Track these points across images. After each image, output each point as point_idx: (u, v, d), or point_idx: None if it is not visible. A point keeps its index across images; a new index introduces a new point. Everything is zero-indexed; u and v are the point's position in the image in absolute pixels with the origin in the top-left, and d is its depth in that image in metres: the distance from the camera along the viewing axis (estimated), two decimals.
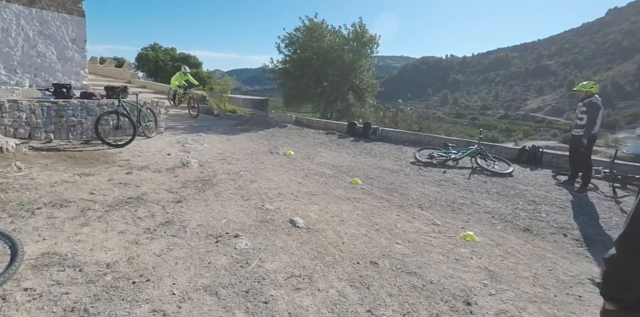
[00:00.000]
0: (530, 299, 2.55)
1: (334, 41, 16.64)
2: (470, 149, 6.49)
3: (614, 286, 1.05)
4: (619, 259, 1.03)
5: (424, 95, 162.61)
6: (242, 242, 3.08)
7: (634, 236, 1.00)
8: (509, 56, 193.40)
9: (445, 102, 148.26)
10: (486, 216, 4.15)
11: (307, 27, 17.03)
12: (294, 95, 18.37)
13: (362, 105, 18.71)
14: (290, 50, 17.70)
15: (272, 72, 18.61)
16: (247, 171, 5.47)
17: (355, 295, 2.44)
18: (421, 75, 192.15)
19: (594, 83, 5.41)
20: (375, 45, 17.81)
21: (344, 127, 10.12)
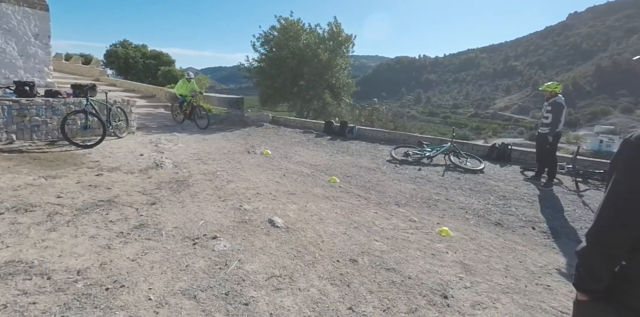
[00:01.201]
0: (503, 290, 2.66)
1: (310, 40, 16.64)
2: (444, 147, 6.67)
3: (585, 278, 1.11)
4: (589, 252, 1.09)
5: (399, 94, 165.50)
6: (220, 244, 3.03)
7: (602, 229, 1.06)
8: (478, 57, 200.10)
9: (418, 101, 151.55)
10: (460, 211, 4.29)
11: (282, 26, 16.93)
12: (271, 94, 18.23)
13: (338, 104, 18.82)
14: (266, 48, 17.55)
15: (248, 71, 18.39)
16: (224, 171, 5.38)
17: (336, 293, 2.46)
18: (395, 74, 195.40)
19: (557, 83, 5.69)
20: (351, 44, 17.95)
21: (321, 126, 10.15)
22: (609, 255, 1.05)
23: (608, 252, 1.05)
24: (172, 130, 8.82)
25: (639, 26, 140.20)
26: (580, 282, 1.12)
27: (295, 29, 16.88)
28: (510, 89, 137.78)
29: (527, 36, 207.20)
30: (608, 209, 1.05)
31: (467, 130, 67.22)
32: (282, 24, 17.03)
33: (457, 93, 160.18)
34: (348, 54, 18.37)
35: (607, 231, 1.04)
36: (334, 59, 17.01)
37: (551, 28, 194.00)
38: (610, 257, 1.05)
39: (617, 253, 1.05)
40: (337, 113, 18.60)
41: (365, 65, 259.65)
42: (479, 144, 8.25)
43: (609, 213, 1.04)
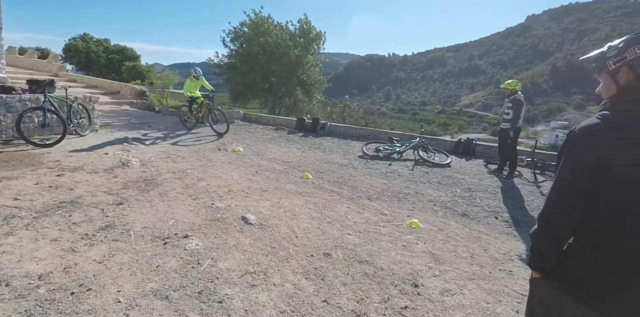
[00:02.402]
0: (469, 277, 2.80)
1: (280, 37, 16.50)
2: (413, 142, 6.86)
3: (537, 257, 1.21)
4: (538, 233, 1.19)
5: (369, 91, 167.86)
6: (192, 243, 2.98)
7: (549, 212, 1.16)
8: (444, 56, 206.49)
9: (388, 98, 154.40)
10: (429, 204, 4.44)
11: (253, 22, 16.68)
12: (241, 90, 17.94)
13: (310, 101, 18.83)
14: (236, 44, 17.23)
15: (217, 67, 17.98)
16: (194, 169, 5.26)
17: (311, 287, 2.49)
18: (366, 72, 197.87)
19: (517, 81, 6.00)
20: (321, 41, 17.98)
21: (293, 122, 10.13)
22: (555, 236, 1.15)
23: (554, 233, 1.15)
24: (139, 128, 8.49)
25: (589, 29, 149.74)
26: (532, 261, 1.23)
27: (266, 25, 16.68)
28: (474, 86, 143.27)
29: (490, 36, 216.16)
30: (554, 194, 1.15)
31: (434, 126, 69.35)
32: (252, 19, 16.79)
33: (425, 90, 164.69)
34: (319, 51, 18.39)
35: (553, 213, 1.14)
36: (304, 56, 16.97)
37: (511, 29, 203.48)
38: (556, 238, 1.16)
39: (562, 234, 1.15)
40: (309, 110, 18.60)
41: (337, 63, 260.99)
42: (446, 139, 8.54)
43: (555, 198, 1.14)
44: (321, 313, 2.22)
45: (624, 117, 1.07)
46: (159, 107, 12.72)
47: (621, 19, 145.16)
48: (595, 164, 1.07)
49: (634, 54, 1.08)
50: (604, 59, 1.16)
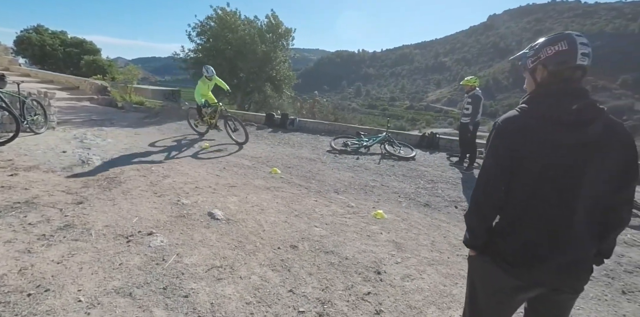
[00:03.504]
0: (429, 262, 2.96)
1: (248, 32, 16.25)
2: (380, 137, 7.05)
3: (470, 236, 1.34)
4: (469, 214, 1.32)
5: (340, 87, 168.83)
6: (156, 240, 2.95)
7: (477, 195, 1.30)
8: (412, 53, 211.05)
9: (358, 94, 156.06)
10: (394, 195, 4.61)
11: (219, 16, 16.33)
12: None
13: (279, 97, 18.72)
14: (203, 39, 16.81)
15: (183, 62, 17.46)
16: (159, 166, 5.15)
17: (277, 278, 2.55)
18: (336, 68, 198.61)
19: (475, 78, 6.29)
20: (290, 37, 17.89)
21: (262, 118, 10.07)
22: (483, 215, 1.29)
23: (482, 213, 1.28)
24: (100, 125, 8.14)
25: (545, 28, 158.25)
26: (467, 240, 1.36)
27: (232, 20, 16.37)
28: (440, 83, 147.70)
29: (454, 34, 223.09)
30: (481, 178, 1.29)
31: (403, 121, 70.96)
32: (219, 14, 16.43)
33: (394, 86, 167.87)
34: (288, 46, 18.30)
35: (480, 196, 1.28)
36: (273, 51, 16.83)
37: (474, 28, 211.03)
38: (484, 217, 1.29)
39: (488, 213, 1.28)
40: (278, 105, 18.51)
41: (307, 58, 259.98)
42: (412, 133, 8.83)
43: (481, 182, 1.28)
44: (287, 302, 2.29)
45: (537, 108, 1.21)
46: (122, 103, 12.22)
47: (573, 20, 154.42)
48: (512, 151, 1.20)
49: (546, 54, 1.21)
50: (525, 58, 1.30)
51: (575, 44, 1.17)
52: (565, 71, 1.19)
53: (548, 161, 1.16)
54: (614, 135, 1.13)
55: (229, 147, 6.78)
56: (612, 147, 1.13)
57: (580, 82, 1.20)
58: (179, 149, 6.41)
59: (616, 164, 1.14)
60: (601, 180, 1.15)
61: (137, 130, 7.83)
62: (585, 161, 1.13)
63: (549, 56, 1.21)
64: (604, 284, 2.82)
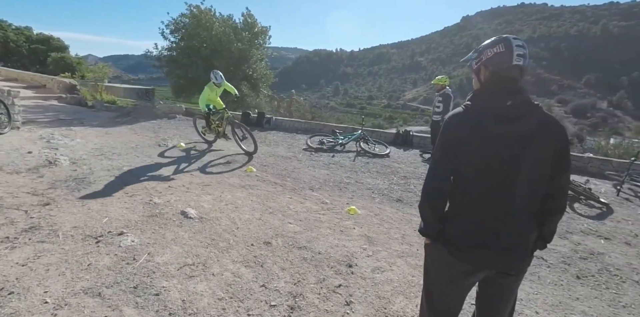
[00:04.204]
0: (399, 255, 3.07)
1: (223, 30, 16.04)
2: (355, 135, 7.16)
3: (423, 224, 1.43)
4: (421, 204, 1.41)
5: (318, 86, 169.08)
6: (127, 240, 2.91)
7: (426, 186, 1.39)
8: (389, 52, 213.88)
9: (337, 92, 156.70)
10: (367, 191, 4.71)
11: (194, 14, 16.02)
12: (184, 84, 17.19)
13: (257, 96, 18.58)
14: (177, 36, 16.44)
15: (157, 60, 17.02)
16: (132, 166, 5.04)
17: (250, 274, 2.58)
18: (314, 67, 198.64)
19: (446, 77, 6.50)
20: (267, 36, 17.78)
21: (238, 117, 9.99)
22: (432, 205, 1.38)
23: (431, 202, 1.38)
24: (69, 125, 7.85)
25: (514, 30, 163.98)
26: (421, 229, 1.45)
27: (207, 18, 16.11)
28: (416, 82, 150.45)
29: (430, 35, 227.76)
30: (430, 170, 1.39)
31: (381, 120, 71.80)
32: (193, 11, 16.12)
33: (372, 85, 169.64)
34: (265, 45, 18.18)
35: (429, 187, 1.37)
36: (249, 49, 16.69)
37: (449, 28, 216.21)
38: (433, 206, 1.38)
39: (437, 203, 1.38)
40: (255, 104, 18.37)
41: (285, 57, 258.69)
42: (386, 131, 9.00)
43: (430, 173, 1.38)
44: (259, 297, 2.33)
45: (478, 105, 1.31)
46: (92, 102, 11.83)
47: (540, 22, 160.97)
48: (457, 144, 1.30)
49: (487, 56, 1.32)
50: (471, 60, 1.40)
51: (511, 46, 1.27)
52: (503, 71, 1.29)
53: (488, 153, 1.26)
54: (548, 129, 1.24)
55: (203, 146, 6.71)
56: (546, 139, 1.24)
57: (519, 81, 1.30)
58: (152, 148, 6.28)
59: (550, 155, 1.25)
60: (537, 170, 1.25)
61: (108, 130, 7.61)
62: (521, 152, 1.23)
63: (489, 58, 1.31)
64: (561, 270, 3.01)
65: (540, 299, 2.57)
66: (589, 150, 9.38)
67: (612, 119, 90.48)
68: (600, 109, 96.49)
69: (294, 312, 2.20)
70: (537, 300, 2.56)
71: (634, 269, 3.09)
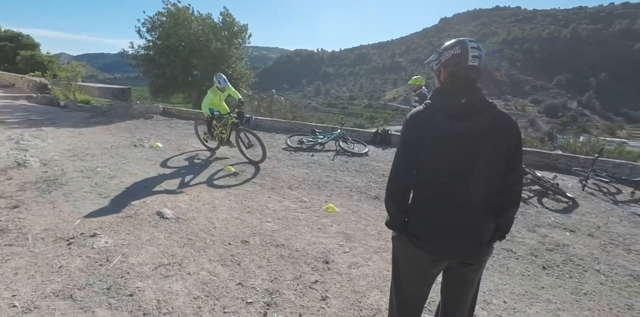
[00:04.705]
0: (375, 250, 3.14)
1: (201, 29, 15.83)
2: (334, 134, 7.22)
3: (389, 218, 1.50)
4: (386, 199, 1.47)
5: (299, 86, 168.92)
6: (101, 241, 2.87)
7: (390, 181, 1.46)
8: (369, 53, 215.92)
9: (318, 92, 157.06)
10: (346, 190, 4.77)
11: (171, 12, 15.75)
12: (161, 84, 16.90)
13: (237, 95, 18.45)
14: (154, 35, 16.12)
15: (133, 59, 16.62)
16: (106, 167, 4.93)
17: (226, 272, 2.59)
18: (296, 66, 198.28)
19: (422, 78, 6.66)
20: (246, 35, 17.67)
21: None
22: (395, 199, 1.45)
23: (394, 196, 1.44)
24: (40, 125, 7.60)
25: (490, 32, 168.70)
26: (387, 222, 1.51)
27: (185, 16, 15.87)
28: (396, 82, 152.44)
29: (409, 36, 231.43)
30: (393, 167, 1.45)
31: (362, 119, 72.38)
32: (171, 10, 15.85)
33: (353, 85, 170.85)
34: (244, 44, 18.06)
35: (392, 182, 1.44)
36: (228, 49, 16.55)
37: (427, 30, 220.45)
38: (396, 200, 1.45)
39: (400, 196, 1.44)
40: (236, 104, 18.23)
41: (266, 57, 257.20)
42: (366, 130, 9.10)
43: (393, 168, 1.45)
44: (235, 294, 2.34)
45: (436, 103, 1.38)
46: (65, 101, 11.45)
47: (514, 25, 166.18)
48: (417, 140, 1.36)
49: (445, 57, 1.39)
50: (433, 62, 1.47)
51: (466, 48, 1.35)
52: (460, 71, 1.37)
53: (445, 148, 1.33)
54: (501, 126, 1.32)
55: (181, 146, 6.62)
56: (499, 136, 1.32)
57: (475, 81, 1.38)
58: (128, 149, 6.15)
59: (503, 151, 1.33)
60: (491, 164, 1.33)
61: (81, 130, 7.40)
62: (476, 148, 1.31)
63: (447, 59, 1.39)
64: (528, 262, 3.15)
65: (508, 289, 2.68)
66: (559, 148, 9.79)
67: (581, 118, 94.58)
68: (571, 108, 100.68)
69: (270, 309, 2.22)
70: (506, 290, 2.68)
71: (595, 259, 3.27)
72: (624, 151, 10.81)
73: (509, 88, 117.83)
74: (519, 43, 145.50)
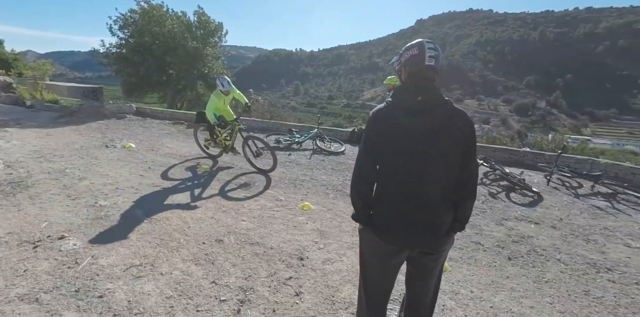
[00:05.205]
0: (349, 246, 3.20)
1: (177, 27, 15.50)
2: (311, 133, 7.26)
3: (354, 211, 1.55)
4: (351, 194, 1.53)
5: (278, 85, 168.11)
6: (69, 244, 2.79)
7: (354, 176, 1.53)
8: (348, 53, 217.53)
9: (297, 92, 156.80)
10: (322, 188, 4.82)
11: (144, 9, 15.33)
12: (135, 83, 16.43)
13: None
14: (126, 33, 15.64)
15: (105, 57, 16.07)
16: (75, 168, 4.78)
17: (200, 271, 2.58)
18: (274, 66, 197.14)
19: (396, 78, 6.77)
20: (222, 34, 17.45)
21: (193, 116, 9.73)
22: (358, 192, 1.51)
23: (357, 190, 1.51)
24: (4, 125, 7.26)
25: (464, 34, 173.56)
26: (353, 215, 1.57)
27: (159, 14, 15.49)
28: (374, 82, 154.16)
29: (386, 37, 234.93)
30: (356, 162, 1.51)
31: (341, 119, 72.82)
32: (144, 7, 15.43)
33: (332, 85, 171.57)
34: (221, 43, 17.82)
35: (355, 177, 1.50)
36: (204, 47, 16.29)
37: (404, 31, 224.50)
38: (359, 194, 1.51)
39: (362, 190, 1.51)
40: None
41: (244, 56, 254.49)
42: (343, 129, 9.19)
43: (356, 165, 1.52)
44: (209, 293, 2.34)
45: (395, 101, 1.45)
46: (31, 101, 10.97)
47: (487, 27, 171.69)
48: (377, 136, 1.43)
49: (405, 58, 1.46)
50: (395, 63, 1.54)
51: (423, 49, 1.42)
52: (418, 71, 1.44)
53: (402, 143, 1.40)
54: (456, 122, 1.40)
55: (155, 146, 6.48)
56: (454, 132, 1.39)
57: (433, 80, 1.45)
58: (99, 149, 5.97)
59: (457, 145, 1.41)
60: (445, 158, 1.40)
61: (49, 131, 7.12)
62: (431, 143, 1.38)
63: (406, 59, 1.46)
64: (495, 253, 3.30)
65: (475, 280, 2.80)
66: (528, 145, 10.22)
67: (549, 117, 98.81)
68: (540, 107, 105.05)
69: (243, 306, 2.24)
70: (473, 280, 2.79)
71: (557, 249, 3.46)
72: (587, 148, 11.42)
73: (482, 88, 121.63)
74: (491, 45, 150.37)
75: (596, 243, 3.65)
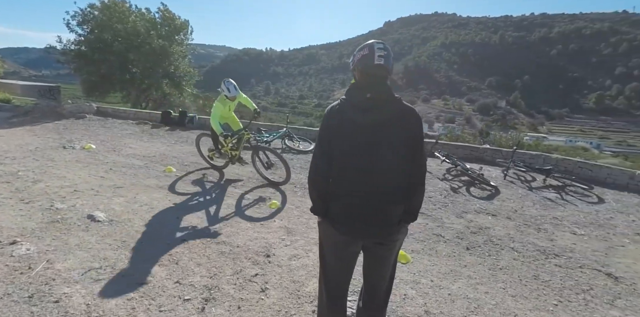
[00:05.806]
0: (315, 242, 3.24)
1: (139, 24, 14.93)
2: (280, 132, 7.27)
3: (312, 204, 1.61)
4: (308, 187, 1.59)
5: (248, 85, 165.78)
6: (21, 248, 2.66)
7: (310, 171, 1.59)
8: (318, 53, 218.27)
9: (268, 92, 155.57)
10: (290, 186, 4.85)
11: (105, 5, 14.64)
12: (96, 81, 15.67)
13: (180, 94, 17.70)
14: (85, 29, 14.86)
15: (62, 54, 15.17)
16: (29, 171, 4.54)
17: (164, 272, 2.54)
18: (244, 66, 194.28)
19: None
20: (188, 31, 17.02)
21: (158, 116, 9.47)
22: (314, 185, 1.58)
23: (313, 183, 1.57)
24: None
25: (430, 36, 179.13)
26: (311, 208, 1.62)
27: (121, 10, 14.87)
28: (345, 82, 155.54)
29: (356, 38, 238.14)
30: (313, 156, 1.57)
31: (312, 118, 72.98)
32: (104, 1, 14.74)
33: (303, 85, 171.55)
34: (187, 41, 17.38)
35: (312, 171, 1.57)
36: (170, 45, 15.81)
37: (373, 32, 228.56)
38: (315, 187, 1.58)
39: (318, 183, 1.57)
40: (180, 103, 17.51)
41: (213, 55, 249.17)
42: (312, 128, 9.24)
43: (312, 159, 1.57)
44: (172, 293, 2.31)
45: (348, 98, 1.52)
46: None
47: (451, 30, 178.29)
48: (330, 131, 1.50)
49: (357, 58, 1.54)
50: (350, 63, 1.61)
51: (373, 49, 1.49)
52: (369, 70, 1.51)
53: (352, 138, 1.47)
54: (404, 117, 1.48)
55: (117, 147, 6.24)
56: (402, 127, 1.47)
57: (384, 78, 1.52)
58: (55, 151, 5.68)
59: (405, 140, 1.49)
60: (394, 152, 1.48)
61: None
62: (380, 137, 1.45)
63: (358, 59, 1.53)
64: (455, 244, 3.47)
65: (435, 269, 2.94)
66: (488, 142, 10.73)
67: (509, 116, 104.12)
68: (500, 107, 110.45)
69: (208, 304, 2.23)
70: (433, 270, 2.93)
71: (511, 238, 3.69)
72: (541, 144, 12.19)
73: (448, 88, 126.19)
74: (455, 47, 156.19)
75: (546, 232, 3.92)
